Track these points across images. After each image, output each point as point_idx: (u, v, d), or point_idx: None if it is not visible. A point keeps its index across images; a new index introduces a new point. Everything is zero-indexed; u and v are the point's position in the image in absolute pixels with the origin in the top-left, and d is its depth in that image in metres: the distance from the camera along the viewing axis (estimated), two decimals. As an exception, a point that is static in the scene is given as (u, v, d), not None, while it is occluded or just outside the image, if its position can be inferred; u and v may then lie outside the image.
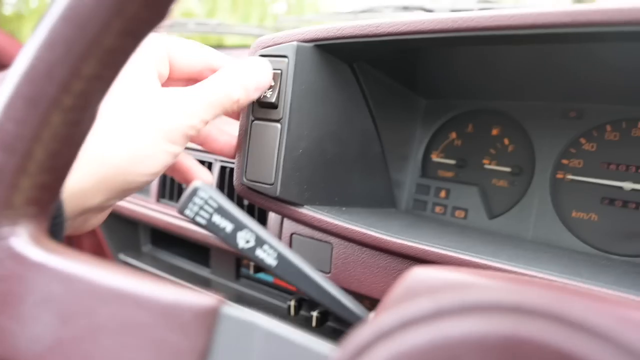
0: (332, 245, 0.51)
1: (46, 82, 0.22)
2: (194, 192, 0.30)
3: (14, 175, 0.23)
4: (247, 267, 0.73)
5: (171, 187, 0.71)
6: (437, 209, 0.60)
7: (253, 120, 0.45)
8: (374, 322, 0.16)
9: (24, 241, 0.23)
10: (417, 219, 0.56)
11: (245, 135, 0.46)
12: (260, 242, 0.30)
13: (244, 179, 0.46)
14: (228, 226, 0.30)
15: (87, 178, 0.34)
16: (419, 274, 0.27)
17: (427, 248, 0.42)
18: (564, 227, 0.51)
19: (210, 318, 0.21)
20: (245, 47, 1.20)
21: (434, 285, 0.27)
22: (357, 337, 0.16)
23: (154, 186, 0.73)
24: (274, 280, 0.70)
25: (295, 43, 0.43)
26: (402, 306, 0.15)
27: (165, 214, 0.70)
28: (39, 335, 0.22)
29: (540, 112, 0.55)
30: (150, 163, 0.36)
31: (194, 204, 0.30)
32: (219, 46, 1.28)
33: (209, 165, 0.68)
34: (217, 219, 0.30)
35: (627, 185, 0.48)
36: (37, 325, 0.23)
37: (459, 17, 0.38)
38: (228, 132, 0.47)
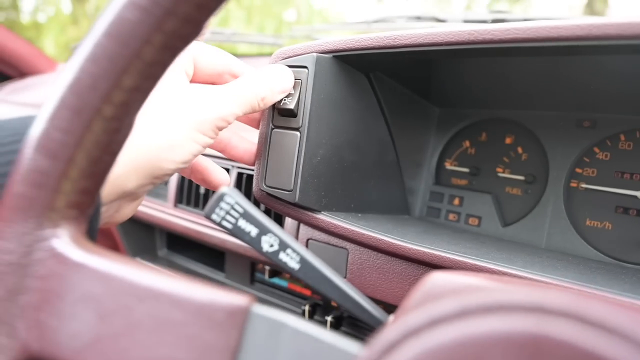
0: (348, 251, 0.52)
1: (90, 93, 0.23)
2: (221, 197, 0.32)
3: (57, 180, 0.24)
4: (262, 272, 0.74)
5: (188, 192, 0.73)
6: (451, 216, 0.61)
7: (273, 128, 0.47)
8: (401, 321, 0.17)
9: (65, 242, 0.25)
10: (431, 226, 0.57)
11: (265, 143, 0.47)
12: (283, 246, 0.32)
13: (264, 185, 0.47)
14: (253, 230, 0.32)
15: (122, 164, 0.36)
16: (438, 278, 0.28)
17: (443, 254, 0.43)
18: (578, 236, 0.51)
19: (241, 316, 0.22)
20: (258, 55, 1.22)
21: (453, 289, 0.28)
22: (385, 335, 0.17)
23: (172, 191, 0.74)
24: (289, 285, 0.71)
25: (314, 54, 0.44)
26: (430, 305, 0.16)
27: (182, 219, 0.72)
28: (78, 332, 0.24)
29: (554, 121, 0.55)
30: (181, 151, 0.38)
31: (221, 208, 0.32)
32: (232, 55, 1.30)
33: (227, 172, 0.69)
34: (242, 223, 0.32)
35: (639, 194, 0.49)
36: (77, 322, 0.24)
37: (474, 30, 0.39)
38: (248, 139, 0.49)
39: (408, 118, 0.59)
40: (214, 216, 0.32)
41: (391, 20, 1.01)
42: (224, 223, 0.32)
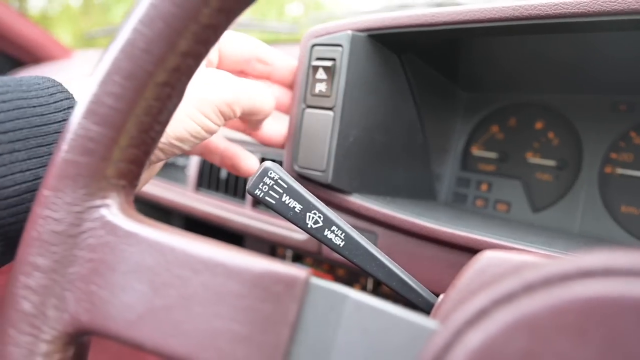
0: (377, 235, 0.51)
1: (144, 57, 0.22)
2: (265, 172, 0.31)
3: (107, 148, 0.24)
4: (283, 257, 0.73)
5: (209, 176, 0.72)
6: (479, 202, 0.60)
7: (305, 108, 0.46)
8: (489, 290, 0.16)
9: (115, 212, 0.24)
10: (459, 212, 0.56)
11: (297, 123, 0.46)
12: (329, 223, 0.31)
13: (296, 166, 0.46)
14: (297, 206, 0.31)
15: None
16: (492, 256, 0.27)
17: (479, 237, 0.42)
18: (614, 222, 0.50)
19: (300, 289, 0.22)
20: (270, 42, 1.21)
21: (507, 268, 0.27)
22: (470, 305, 0.16)
23: (192, 176, 0.74)
24: (311, 270, 0.70)
25: (349, 32, 0.43)
26: (523, 272, 0.16)
27: (203, 203, 0.71)
28: (131, 304, 0.23)
29: (588, 105, 0.54)
30: (175, 125, 0.37)
31: (264, 184, 0.31)
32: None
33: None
34: (286, 199, 0.31)
35: (680, 180, 0.48)
36: (129, 294, 0.23)
37: (519, 6, 0.38)
38: (277, 122, 0.48)
39: (436, 102, 0.58)
40: (257, 191, 0.31)
41: (412, 6, 0.99)
42: (268, 198, 0.31)
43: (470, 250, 0.43)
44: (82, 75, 1.08)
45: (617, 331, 0.14)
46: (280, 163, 0.61)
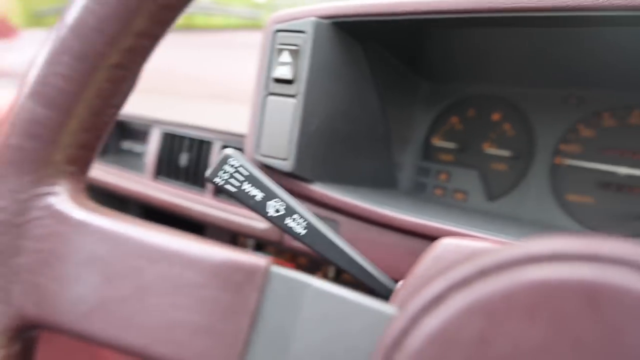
0: (339, 223, 0.52)
1: (96, 36, 0.21)
2: (225, 159, 0.30)
3: (55, 131, 0.22)
4: (244, 246, 0.73)
5: (168, 164, 0.70)
6: (437, 191, 0.61)
7: (267, 95, 0.45)
8: (446, 275, 0.17)
9: (64, 200, 0.23)
10: (419, 200, 0.57)
11: (259, 110, 0.45)
12: (290, 211, 0.31)
13: (257, 155, 0.46)
14: (258, 195, 0.30)
15: None
16: (449, 243, 0.28)
17: (437, 225, 0.43)
18: (562, 210, 0.53)
19: (261, 277, 0.21)
20: (228, 27, 1.18)
21: (462, 255, 0.27)
22: (428, 290, 0.17)
23: (151, 163, 0.71)
24: (272, 259, 0.70)
25: (314, 19, 0.43)
26: (477, 258, 0.16)
27: (162, 192, 0.69)
28: (82, 296, 0.22)
29: (541, 98, 0.56)
30: None
31: (225, 172, 0.30)
32: (188, 26, 1.25)
33: (208, 145, 0.67)
34: (247, 187, 0.30)
35: (623, 170, 0.51)
36: (80, 285, 0.22)
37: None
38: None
39: (398, 92, 0.59)
40: (217, 179, 0.30)
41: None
42: (228, 187, 0.30)
43: (429, 237, 0.44)
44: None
45: (563, 312, 0.14)
46: (242, 151, 0.60)
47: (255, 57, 0.52)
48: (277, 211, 0.31)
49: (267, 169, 0.47)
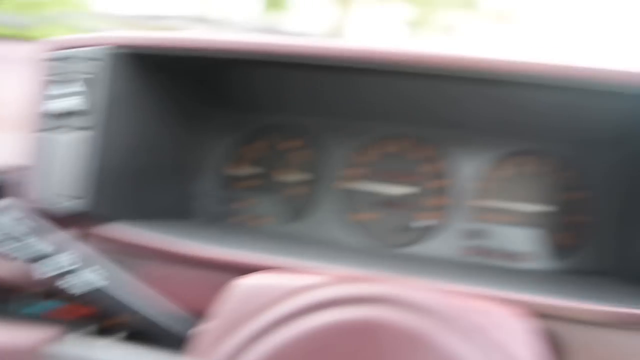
0: (139, 263, 0.48)
1: None
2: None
3: None
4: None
5: None
6: (237, 218, 0.63)
7: (48, 130, 0.40)
8: (243, 330, 0.18)
9: None
10: (220, 230, 0.58)
11: (41, 146, 0.40)
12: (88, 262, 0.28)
13: (41, 197, 0.40)
14: (46, 248, 0.27)
15: None
16: (242, 284, 0.29)
17: (237, 260, 0.43)
18: (352, 228, 0.61)
19: None
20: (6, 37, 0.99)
21: (260, 293, 0.29)
22: (224, 348, 0.18)
23: None
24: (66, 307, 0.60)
25: (110, 47, 0.40)
26: (270, 307, 0.18)
27: None
28: None
29: (334, 126, 0.64)
30: None
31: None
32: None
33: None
34: (32, 241, 0.27)
35: (393, 190, 0.62)
36: None
37: (262, 43, 0.43)
38: None
39: (198, 122, 0.59)
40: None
41: (165, 17, 0.98)
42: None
43: (229, 270, 0.44)
44: None
45: (338, 351, 0.17)
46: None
47: (14, 73, 0.45)
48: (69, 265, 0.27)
49: (56, 213, 0.41)
